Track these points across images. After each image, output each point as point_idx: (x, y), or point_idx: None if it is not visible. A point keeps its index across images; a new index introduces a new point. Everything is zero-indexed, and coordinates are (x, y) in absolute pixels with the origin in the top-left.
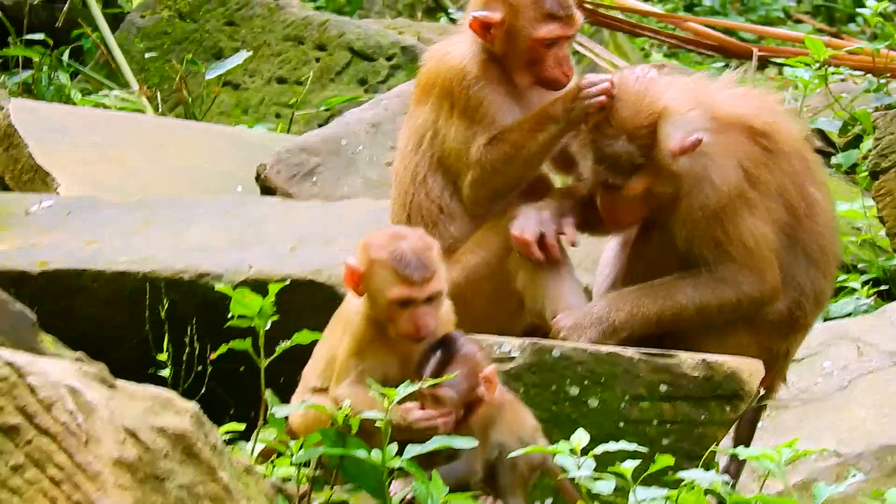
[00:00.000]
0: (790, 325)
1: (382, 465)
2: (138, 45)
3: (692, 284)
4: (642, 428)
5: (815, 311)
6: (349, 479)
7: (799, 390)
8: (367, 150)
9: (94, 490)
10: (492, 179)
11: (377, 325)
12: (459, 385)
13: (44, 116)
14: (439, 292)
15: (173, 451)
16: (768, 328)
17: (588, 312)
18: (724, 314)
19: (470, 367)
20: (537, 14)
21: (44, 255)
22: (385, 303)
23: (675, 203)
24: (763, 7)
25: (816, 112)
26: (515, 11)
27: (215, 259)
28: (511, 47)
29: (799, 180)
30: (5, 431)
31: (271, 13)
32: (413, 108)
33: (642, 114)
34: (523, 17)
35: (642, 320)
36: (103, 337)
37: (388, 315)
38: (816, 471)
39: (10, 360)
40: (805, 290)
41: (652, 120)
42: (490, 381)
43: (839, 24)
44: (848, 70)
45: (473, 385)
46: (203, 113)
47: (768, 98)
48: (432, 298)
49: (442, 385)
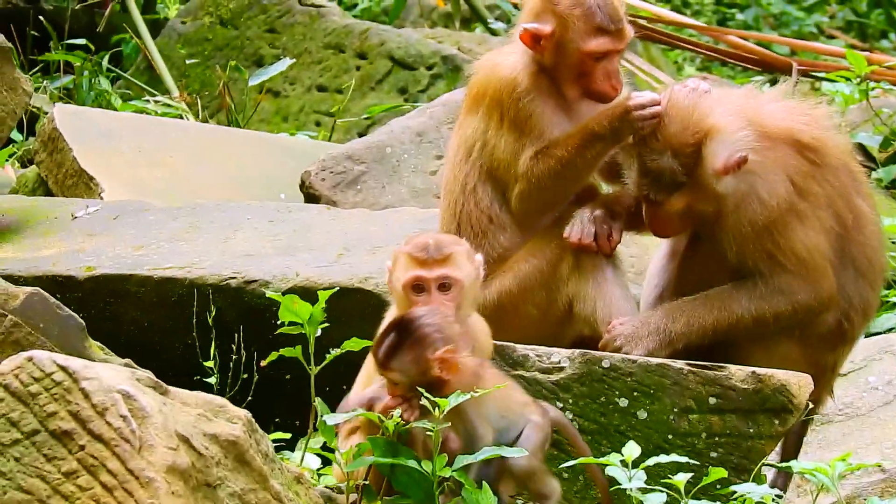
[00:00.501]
0: (838, 338)
1: (433, 475)
2: (179, 50)
3: (747, 295)
4: (691, 440)
5: (863, 323)
6: (399, 488)
7: (843, 405)
8: (412, 158)
9: (147, 497)
10: (539, 193)
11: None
12: (407, 368)
13: (88, 121)
14: (454, 279)
15: (225, 458)
16: (817, 341)
17: (645, 322)
18: (780, 323)
19: (420, 351)
20: (588, 27)
21: (90, 260)
22: (401, 290)
23: (719, 220)
24: (797, 22)
25: (855, 127)
26: (566, 24)
27: (262, 266)
28: (561, 59)
29: (847, 193)
30: (59, 437)
31: (312, 21)
32: (463, 117)
33: (689, 131)
34: (574, 31)
35: (699, 330)
36: (149, 342)
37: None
38: (862, 486)
39: (64, 364)
40: (853, 303)
41: (698, 138)
42: (445, 361)
43: (872, 40)
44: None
45: (425, 367)
46: (245, 120)
47: (816, 112)
48: (445, 285)
49: (391, 368)
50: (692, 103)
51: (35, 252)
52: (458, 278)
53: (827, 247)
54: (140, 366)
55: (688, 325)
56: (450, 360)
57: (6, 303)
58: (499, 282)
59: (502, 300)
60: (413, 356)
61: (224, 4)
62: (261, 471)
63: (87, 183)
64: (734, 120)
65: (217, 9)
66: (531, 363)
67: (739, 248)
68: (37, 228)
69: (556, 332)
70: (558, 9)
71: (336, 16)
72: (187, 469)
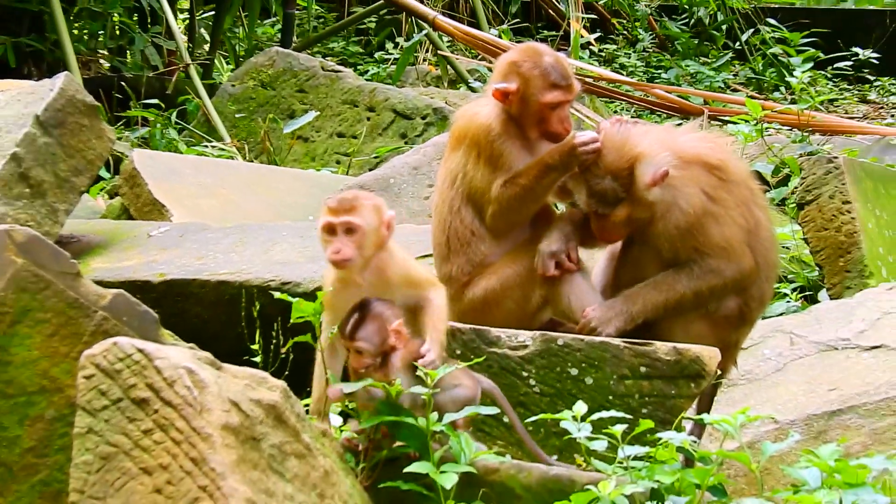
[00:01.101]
0: (740, 320)
1: (427, 428)
2: (230, 107)
3: (686, 277)
4: (627, 400)
5: (760, 308)
6: (401, 440)
7: (745, 371)
8: (410, 187)
9: (206, 448)
10: (507, 213)
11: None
12: (371, 338)
13: (160, 162)
14: (355, 225)
15: (266, 417)
16: (723, 322)
17: (611, 307)
18: (716, 296)
19: (380, 323)
20: (545, 84)
21: (162, 269)
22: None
23: (652, 224)
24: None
25: (754, 158)
26: (528, 82)
27: (295, 271)
28: (524, 109)
29: (747, 203)
30: (138, 403)
31: (332, 82)
32: (448, 153)
33: (623, 158)
34: (534, 87)
35: (653, 308)
36: (208, 332)
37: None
38: (759, 434)
39: (141, 347)
40: (752, 292)
41: (630, 162)
42: (398, 332)
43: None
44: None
45: (385, 337)
46: (282, 160)
47: (720, 140)
48: (349, 230)
49: (358, 339)
50: (623, 136)
51: (119, 263)
52: (359, 224)
53: (742, 235)
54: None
55: (644, 305)
56: (401, 330)
57: (97, 301)
58: (485, 282)
59: (487, 296)
60: (375, 327)
61: (264, 71)
62: (294, 427)
63: (160, 210)
64: (657, 146)
65: (259, 75)
66: (502, 342)
67: (671, 246)
68: (120, 245)
69: (529, 320)
70: (521, 70)
71: (351, 78)
72: (237, 426)
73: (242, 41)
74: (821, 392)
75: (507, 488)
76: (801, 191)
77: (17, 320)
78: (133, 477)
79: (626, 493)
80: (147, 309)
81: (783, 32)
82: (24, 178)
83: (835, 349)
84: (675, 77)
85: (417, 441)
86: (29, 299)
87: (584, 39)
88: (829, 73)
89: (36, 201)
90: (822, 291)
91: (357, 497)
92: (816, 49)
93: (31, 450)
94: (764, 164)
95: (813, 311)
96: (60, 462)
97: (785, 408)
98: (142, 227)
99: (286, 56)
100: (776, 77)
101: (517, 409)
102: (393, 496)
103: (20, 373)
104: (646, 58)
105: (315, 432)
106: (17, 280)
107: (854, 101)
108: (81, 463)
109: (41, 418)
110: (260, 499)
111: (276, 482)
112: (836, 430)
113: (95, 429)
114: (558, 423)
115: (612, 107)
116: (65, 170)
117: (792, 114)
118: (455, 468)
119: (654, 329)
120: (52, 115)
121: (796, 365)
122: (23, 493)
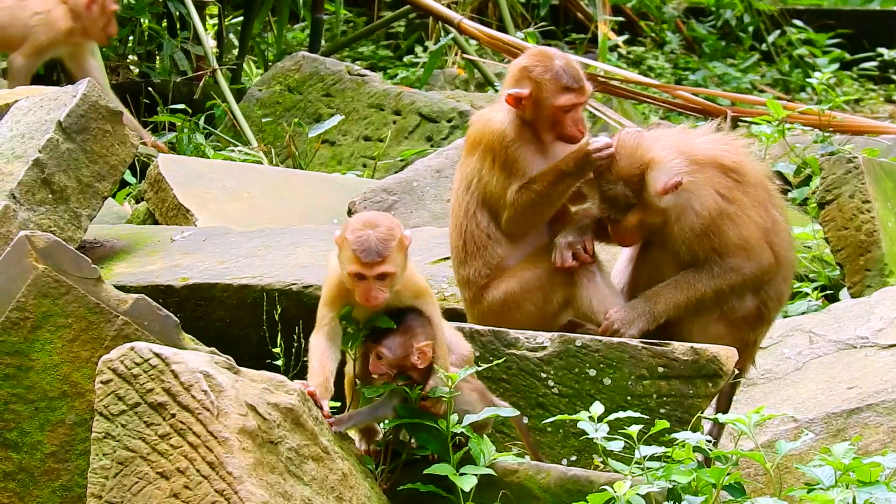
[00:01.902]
0: (758, 320)
1: (447, 430)
2: (257, 112)
3: (706, 275)
4: (645, 400)
5: (777, 308)
6: (421, 443)
7: (764, 371)
8: (433, 189)
9: (223, 452)
10: (522, 218)
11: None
12: (395, 349)
13: (185, 167)
14: (388, 273)
15: (284, 421)
16: (741, 322)
17: (633, 308)
18: (736, 293)
19: (408, 338)
20: (557, 87)
21: (185, 273)
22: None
23: (667, 228)
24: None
25: (776, 158)
26: (540, 87)
27: (317, 275)
28: (538, 113)
29: (764, 203)
30: (155, 407)
31: (358, 87)
32: (464, 158)
33: (634, 165)
34: (546, 91)
35: (674, 307)
36: (231, 335)
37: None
38: (779, 433)
39: (158, 351)
40: (770, 292)
41: (642, 169)
42: (423, 353)
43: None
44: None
45: (408, 353)
46: (307, 164)
47: (736, 142)
48: (383, 276)
49: (383, 346)
50: (635, 143)
51: (143, 267)
52: (391, 272)
53: (760, 233)
54: (224, 353)
55: (666, 305)
56: (426, 352)
57: (118, 306)
58: (504, 285)
59: (507, 299)
60: (402, 341)
61: (291, 76)
62: (312, 430)
63: (185, 214)
64: (668, 153)
65: (285, 79)
66: (521, 343)
67: (688, 248)
68: (144, 249)
69: (549, 322)
70: (533, 75)
71: (377, 82)
72: (255, 430)
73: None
74: (840, 390)
75: (525, 489)
76: (822, 190)
77: (39, 325)
78: (150, 481)
79: (642, 492)
80: (168, 313)
81: (809, 34)
82: (47, 183)
83: (853, 348)
84: (702, 78)
85: (437, 443)
86: (50, 304)
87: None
88: (854, 74)
89: (59, 207)
90: (844, 290)
91: (376, 500)
92: (842, 50)
93: (52, 455)
94: (786, 165)
95: (832, 310)
96: (82, 467)
97: (804, 406)
98: (165, 231)
99: (312, 60)
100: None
101: (536, 409)
102: (412, 498)
103: (41, 378)
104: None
105: (333, 435)
106: (39, 285)
107: (880, 101)
108: (99, 468)
109: (62, 423)
110: (277, 502)
111: (294, 485)
112: (854, 428)
113: (113, 433)
114: (576, 424)
115: (639, 108)
116: (88, 175)
117: (813, 114)
118: (474, 470)
119: (673, 330)
120: (74, 121)
121: (815, 364)
122: (44, 499)
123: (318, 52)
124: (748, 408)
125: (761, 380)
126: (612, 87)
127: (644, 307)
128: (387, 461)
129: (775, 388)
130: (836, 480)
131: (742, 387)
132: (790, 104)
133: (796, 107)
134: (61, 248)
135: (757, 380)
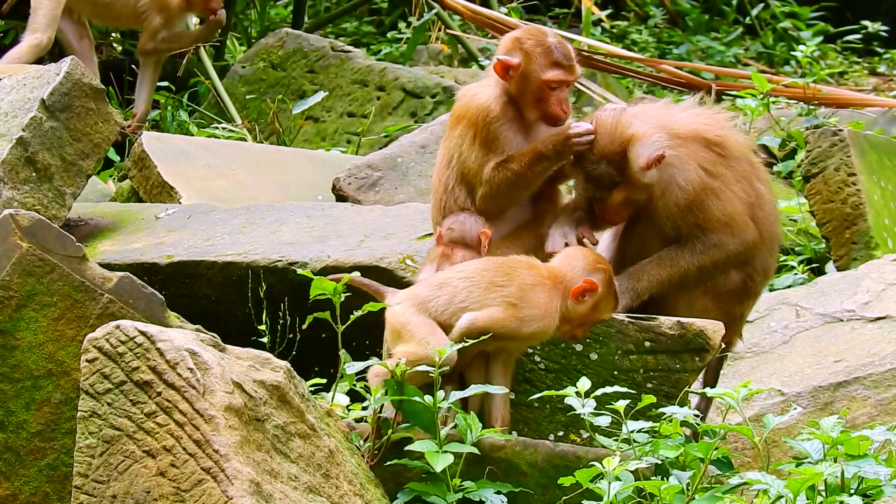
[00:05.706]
0: (744, 294)
1: (434, 406)
2: (241, 88)
3: (689, 252)
4: (631, 375)
5: (764, 282)
6: (408, 418)
7: (751, 344)
8: (417, 165)
9: (210, 430)
10: (497, 196)
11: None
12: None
13: (169, 144)
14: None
15: (270, 398)
16: (727, 296)
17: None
18: (719, 269)
19: (474, 221)
20: (547, 61)
21: (170, 250)
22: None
23: (652, 203)
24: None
25: (761, 132)
26: (530, 58)
27: (302, 251)
28: (524, 87)
29: (748, 178)
30: (140, 386)
31: (342, 63)
32: (448, 132)
33: (616, 142)
34: (536, 63)
35: (658, 284)
36: (217, 313)
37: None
38: (766, 407)
39: (144, 329)
40: (756, 266)
41: (623, 146)
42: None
43: (777, 66)
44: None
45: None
46: (291, 140)
47: (718, 116)
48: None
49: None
50: (615, 120)
51: (127, 245)
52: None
53: (743, 209)
54: (209, 331)
55: (649, 282)
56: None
57: (103, 284)
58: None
59: None
60: (473, 220)
61: (274, 52)
62: (298, 408)
63: (169, 192)
64: (650, 128)
65: (269, 56)
66: None
67: (672, 223)
68: (128, 227)
69: None
70: (524, 46)
71: (360, 58)
72: (241, 408)
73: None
74: (827, 364)
75: (513, 465)
76: (807, 164)
77: (23, 304)
78: (137, 460)
79: (631, 468)
80: (153, 291)
81: (793, 7)
82: (31, 162)
83: (840, 321)
84: (686, 52)
85: (424, 419)
86: (34, 283)
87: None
88: (838, 47)
89: (43, 185)
90: (829, 263)
91: (362, 476)
92: (826, 23)
93: (38, 434)
94: (771, 138)
95: (818, 283)
96: (68, 446)
97: (791, 380)
98: (149, 209)
99: (296, 37)
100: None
101: (523, 385)
102: (399, 474)
103: (26, 357)
104: (657, 34)
105: (320, 412)
106: (23, 264)
107: (864, 74)
108: (85, 446)
109: (48, 402)
110: (264, 479)
111: (281, 462)
112: (842, 401)
113: (99, 412)
114: (563, 400)
115: (623, 83)
116: (71, 153)
117: (798, 87)
118: (459, 448)
119: (659, 304)
120: (58, 99)
121: (802, 337)
122: (30, 477)
123: (301, 29)
124: (735, 382)
125: (748, 353)
126: (596, 61)
127: (627, 284)
128: (373, 438)
129: (762, 362)
130: (824, 454)
131: (729, 361)
132: (775, 77)
133: (781, 80)
134: (45, 227)
135: (744, 353)
